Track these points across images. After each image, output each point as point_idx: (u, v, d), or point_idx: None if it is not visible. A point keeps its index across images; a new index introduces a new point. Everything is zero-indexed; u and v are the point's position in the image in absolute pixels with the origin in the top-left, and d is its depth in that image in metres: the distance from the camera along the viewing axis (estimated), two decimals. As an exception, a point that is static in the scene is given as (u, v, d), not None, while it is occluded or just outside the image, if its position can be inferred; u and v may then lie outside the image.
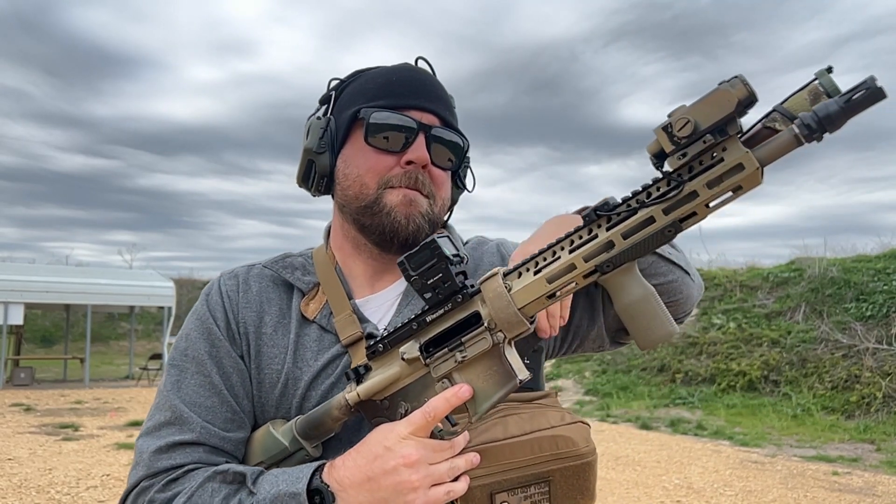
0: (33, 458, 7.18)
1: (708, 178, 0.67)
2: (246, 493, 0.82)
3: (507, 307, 0.77)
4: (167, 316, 15.91)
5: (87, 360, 15.08)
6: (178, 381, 0.93)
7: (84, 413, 10.59)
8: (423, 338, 0.83)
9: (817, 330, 11.62)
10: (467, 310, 0.80)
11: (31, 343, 21.95)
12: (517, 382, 0.78)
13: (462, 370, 0.81)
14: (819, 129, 0.63)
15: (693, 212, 0.69)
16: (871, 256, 12.95)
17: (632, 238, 0.72)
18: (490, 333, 0.78)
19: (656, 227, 0.71)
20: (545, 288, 0.76)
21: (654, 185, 0.71)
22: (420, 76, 0.99)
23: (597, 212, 0.73)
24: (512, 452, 0.85)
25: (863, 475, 7.14)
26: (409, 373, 0.84)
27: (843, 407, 9.99)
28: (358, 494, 0.78)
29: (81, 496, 5.75)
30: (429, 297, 0.82)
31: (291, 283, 1.00)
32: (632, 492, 6.22)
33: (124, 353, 22.12)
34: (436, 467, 0.79)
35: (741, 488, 6.46)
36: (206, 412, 0.91)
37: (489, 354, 0.79)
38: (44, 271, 16.29)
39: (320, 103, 1.03)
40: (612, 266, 0.74)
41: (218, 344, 0.95)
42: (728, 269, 15.46)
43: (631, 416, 10.80)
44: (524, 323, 0.78)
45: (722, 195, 0.68)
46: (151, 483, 0.86)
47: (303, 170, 1.01)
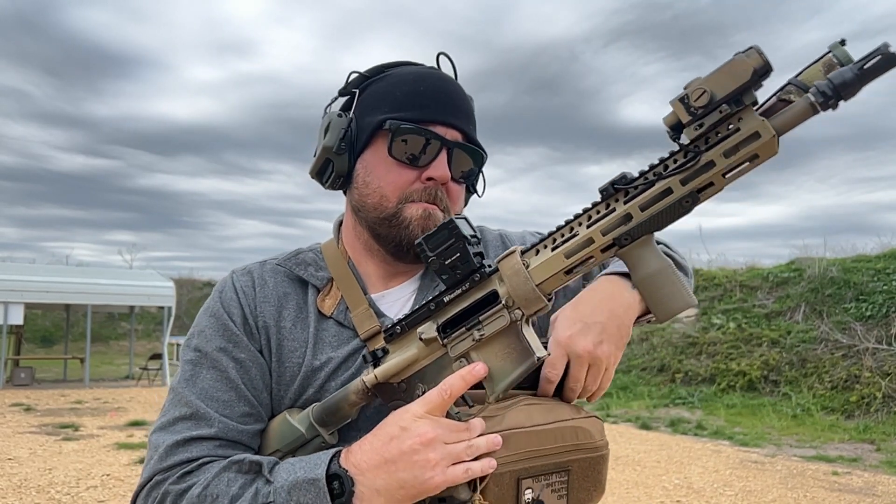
0: (33, 458, 7.18)
1: (724, 148, 0.67)
2: (263, 482, 0.82)
3: (525, 283, 0.77)
4: (167, 316, 15.91)
5: (87, 360, 15.07)
6: (193, 377, 0.93)
7: (84, 413, 10.59)
8: (441, 318, 0.83)
9: (817, 330, 11.62)
10: (485, 289, 0.80)
11: (31, 343, 21.95)
12: (535, 360, 0.78)
13: (479, 349, 0.81)
14: (834, 96, 0.63)
15: (710, 182, 0.69)
16: (870, 256, 12.95)
17: (649, 210, 0.71)
18: (508, 311, 0.79)
19: (674, 198, 0.70)
20: (563, 263, 0.76)
21: (672, 157, 0.71)
22: (446, 87, 0.99)
23: (614, 185, 0.73)
24: (537, 440, 0.86)
25: (863, 475, 7.14)
26: (427, 354, 0.84)
27: (843, 407, 9.99)
28: (376, 477, 0.78)
29: (81, 496, 5.75)
30: (446, 277, 0.82)
31: (305, 279, 1.00)
32: (632, 492, 6.22)
33: (124, 353, 22.12)
34: (453, 446, 0.78)
35: (741, 488, 6.46)
36: (222, 406, 0.91)
37: (507, 332, 0.80)
38: (44, 271, 16.29)
39: (340, 94, 1.03)
40: (629, 239, 0.73)
41: (234, 339, 0.94)
42: (728, 269, 15.46)
43: (631, 416, 10.80)
44: (542, 300, 0.78)
45: (739, 164, 0.68)
46: (165, 476, 0.86)
47: (319, 166, 1.00)
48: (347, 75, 1.02)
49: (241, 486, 0.82)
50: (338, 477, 0.79)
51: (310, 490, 0.78)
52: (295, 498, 0.78)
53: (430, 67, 1.03)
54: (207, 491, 0.82)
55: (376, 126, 0.96)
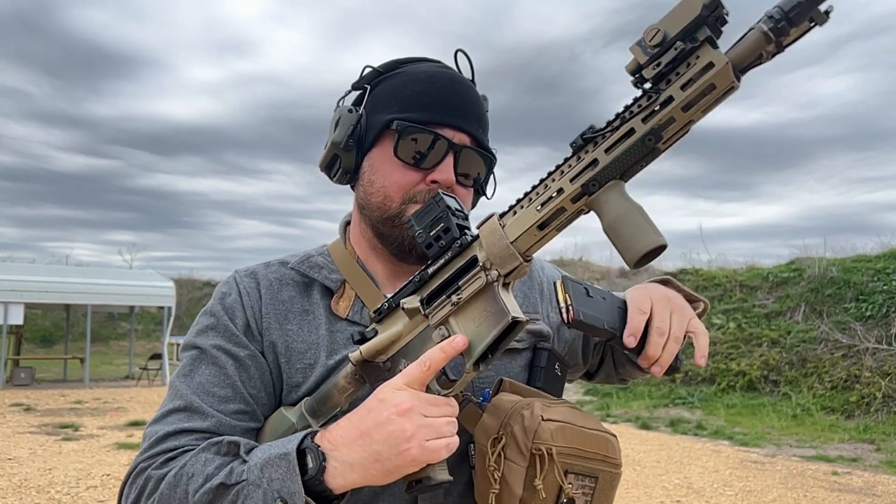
0: (33, 458, 7.18)
1: (681, 82, 0.68)
2: (239, 462, 0.81)
3: (500, 241, 0.77)
4: (167, 316, 15.90)
5: (87, 360, 15.08)
6: (191, 372, 0.92)
7: (84, 413, 10.59)
8: (426, 291, 0.83)
9: (817, 330, 11.62)
10: (466, 256, 0.81)
11: (31, 343, 21.95)
12: (509, 319, 0.77)
13: (458, 314, 0.80)
14: (784, 19, 0.64)
15: (671, 117, 0.69)
16: (870, 256, 12.95)
17: (613, 152, 0.72)
18: (485, 272, 0.79)
19: (636, 137, 0.71)
20: (535, 216, 0.76)
21: (636, 101, 0.72)
22: (457, 88, 0.97)
23: (583, 136, 0.74)
24: (583, 440, 0.87)
25: (862, 475, 7.14)
26: (411, 328, 0.84)
27: (843, 407, 9.99)
28: (350, 451, 0.77)
29: (81, 496, 5.75)
30: (431, 249, 0.83)
31: (320, 281, 0.99)
32: (632, 492, 6.22)
33: (124, 353, 22.12)
34: (433, 419, 0.76)
35: (741, 488, 6.46)
36: (217, 401, 0.90)
37: (483, 295, 0.79)
38: (44, 271, 16.28)
39: (353, 88, 1.02)
40: (598, 184, 0.73)
41: (234, 339, 0.94)
42: (728, 268, 15.46)
43: (631, 416, 10.80)
44: (516, 257, 0.77)
45: (697, 97, 0.68)
46: (149, 463, 0.86)
47: (327, 160, 1.00)
48: (362, 69, 1.01)
49: (217, 467, 0.81)
50: (311, 452, 0.78)
51: (280, 465, 0.77)
52: (267, 474, 0.77)
53: (445, 66, 1.02)
54: (184, 470, 0.82)
55: (384, 125, 0.95)
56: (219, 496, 0.79)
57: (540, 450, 0.83)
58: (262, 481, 0.77)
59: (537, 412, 0.86)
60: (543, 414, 0.86)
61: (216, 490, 0.79)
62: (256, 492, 0.77)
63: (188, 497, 0.80)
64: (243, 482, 0.79)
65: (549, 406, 0.89)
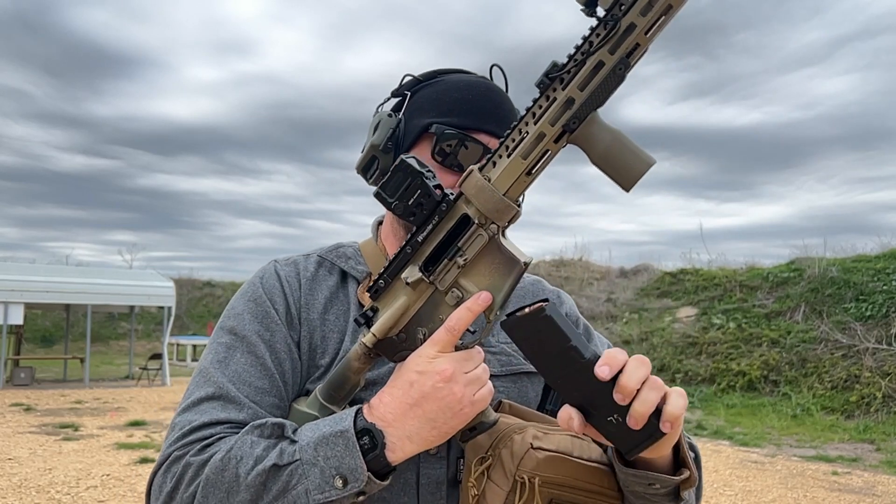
0: (33, 458, 7.18)
1: (639, 7, 0.69)
2: (287, 442, 0.80)
3: (492, 195, 0.77)
4: (167, 316, 15.90)
5: (87, 360, 15.07)
6: (227, 359, 0.90)
7: (84, 413, 10.59)
8: (421, 258, 0.83)
9: (817, 330, 11.63)
10: (455, 216, 0.80)
11: (31, 343, 21.95)
12: (522, 265, 0.79)
13: (467, 274, 0.81)
14: None
15: (636, 43, 0.70)
16: (870, 256, 12.96)
17: (588, 87, 0.73)
18: (483, 229, 0.79)
19: (608, 69, 0.72)
20: (522, 165, 0.77)
21: (593, 32, 0.72)
22: (494, 97, 1.02)
23: (548, 76, 0.74)
24: (575, 471, 0.86)
25: (862, 475, 7.14)
26: (416, 298, 0.84)
27: (843, 407, 9.99)
28: (405, 424, 0.79)
29: (81, 496, 5.75)
30: (414, 217, 0.81)
31: (346, 271, 1.01)
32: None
33: (124, 353, 22.12)
34: (472, 373, 0.80)
35: (741, 488, 6.46)
36: (255, 392, 0.88)
37: (488, 250, 0.80)
38: (44, 271, 16.29)
39: (392, 95, 1.05)
40: (577, 121, 0.74)
41: (274, 328, 0.93)
42: (728, 268, 15.46)
43: (631, 416, 10.79)
44: (512, 207, 0.78)
45: (656, 19, 0.69)
46: (185, 451, 0.82)
47: (365, 162, 1.02)
48: (402, 78, 1.05)
49: (265, 448, 0.80)
50: (367, 432, 0.79)
51: (338, 443, 0.78)
52: (322, 452, 0.77)
53: (482, 77, 1.06)
54: (231, 454, 0.80)
55: (423, 128, 0.98)
56: (272, 477, 0.78)
57: (523, 478, 0.83)
58: (318, 459, 0.77)
59: (528, 439, 0.85)
60: (534, 442, 0.85)
61: (269, 471, 0.78)
62: (313, 470, 0.77)
63: (239, 480, 0.78)
64: (296, 462, 0.78)
65: (546, 433, 0.87)
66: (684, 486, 0.84)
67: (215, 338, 0.94)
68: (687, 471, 0.84)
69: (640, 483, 0.82)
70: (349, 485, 0.77)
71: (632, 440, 0.75)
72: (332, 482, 0.77)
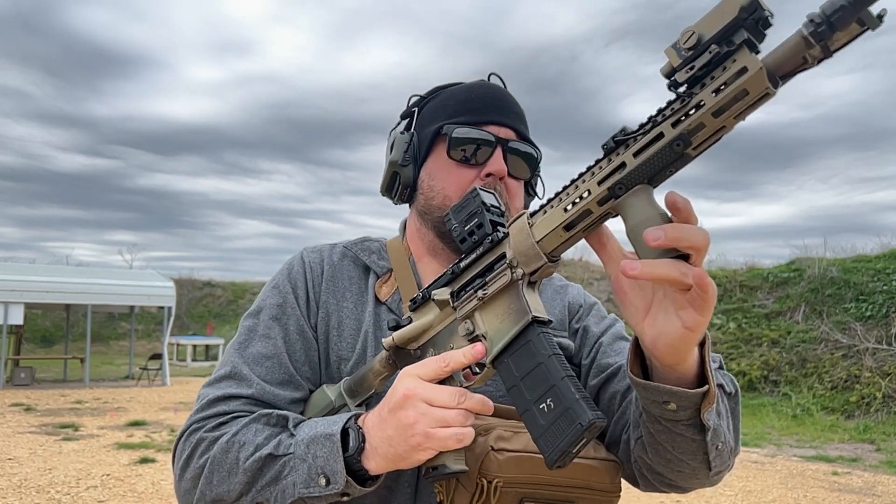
0: (33, 458, 7.18)
1: (714, 87, 0.65)
2: (287, 435, 0.88)
3: (526, 239, 0.78)
4: (167, 316, 15.89)
5: (87, 360, 15.07)
6: (245, 343, 1.00)
7: (84, 413, 10.59)
8: (457, 284, 0.86)
9: (817, 330, 11.63)
10: (497, 252, 0.82)
11: (31, 343, 21.96)
12: (529, 319, 0.77)
13: (483, 309, 0.82)
14: (825, 24, 0.61)
15: (700, 123, 0.67)
16: (871, 256, 12.95)
17: (641, 155, 0.70)
18: (511, 270, 0.79)
19: (665, 142, 0.69)
20: (561, 217, 0.75)
21: (669, 105, 0.70)
22: (496, 92, 1.07)
23: (614, 139, 0.72)
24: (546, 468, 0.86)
25: (863, 475, 7.14)
26: (441, 319, 0.87)
27: (843, 407, 9.99)
28: (374, 435, 0.82)
29: (81, 496, 5.75)
30: (465, 244, 0.85)
31: (368, 265, 1.08)
32: (632, 491, 6.21)
33: (124, 353, 22.12)
34: (438, 410, 0.78)
35: (741, 488, 6.46)
36: (264, 372, 0.97)
37: (508, 292, 0.80)
38: (44, 271, 16.28)
39: (402, 118, 1.12)
40: (624, 188, 0.72)
41: (289, 311, 1.02)
42: (728, 269, 15.46)
43: (631, 416, 10.79)
44: (540, 256, 0.77)
45: (729, 103, 0.65)
46: (202, 425, 0.93)
47: (387, 181, 1.09)
48: (408, 99, 1.12)
49: (267, 437, 0.88)
50: (353, 432, 0.83)
51: (325, 444, 0.83)
52: (312, 450, 0.84)
53: (480, 80, 1.11)
54: (236, 438, 0.89)
55: (434, 133, 1.04)
56: (267, 465, 0.86)
57: (482, 481, 0.85)
58: (308, 456, 0.84)
59: (489, 441, 0.86)
60: (496, 444, 0.86)
61: (265, 459, 0.86)
62: (302, 465, 0.84)
63: (238, 464, 0.87)
64: (290, 455, 0.85)
65: (516, 433, 0.88)
66: (704, 405, 0.77)
67: (243, 321, 1.04)
68: (706, 385, 0.76)
69: (656, 401, 0.77)
70: (330, 485, 0.82)
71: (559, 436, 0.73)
72: (317, 480, 0.82)
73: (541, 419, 0.75)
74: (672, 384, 0.75)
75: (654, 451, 0.85)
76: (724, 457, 0.84)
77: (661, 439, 0.82)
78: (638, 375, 0.78)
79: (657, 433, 0.82)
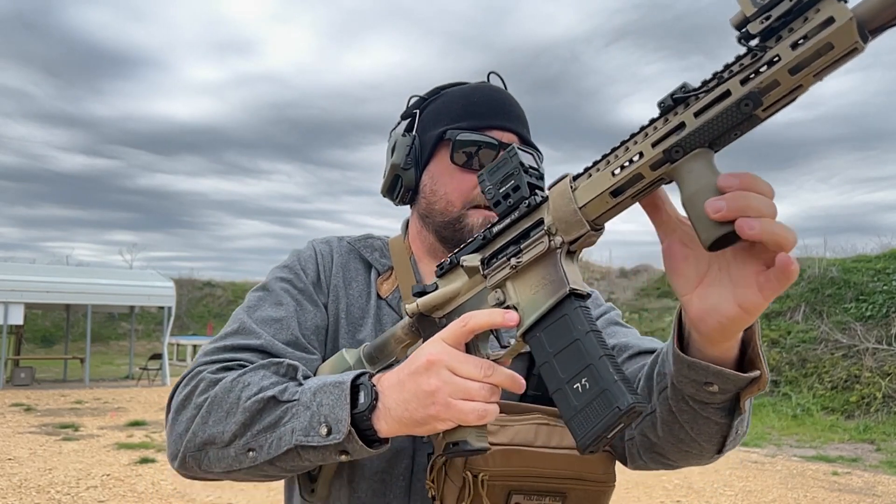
0: (33, 458, 7.18)
1: (792, 39, 0.56)
2: (295, 384, 0.84)
3: (567, 205, 0.70)
4: (167, 316, 15.89)
5: (87, 360, 15.07)
6: (254, 306, 0.99)
7: (84, 413, 10.59)
8: (489, 250, 0.79)
9: (817, 330, 11.62)
10: (533, 218, 0.75)
11: (31, 343, 21.95)
12: (567, 291, 0.70)
13: (516, 278, 0.76)
14: None
15: (774, 80, 0.58)
16: (871, 256, 12.95)
17: (704, 115, 0.61)
18: (549, 237, 0.72)
19: (731, 101, 0.60)
20: (609, 181, 0.67)
21: (738, 60, 0.61)
22: (498, 96, 1.07)
23: (673, 97, 0.64)
24: (536, 461, 0.86)
25: (863, 475, 7.14)
26: (469, 287, 0.82)
27: (843, 407, 9.99)
28: (390, 396, 0.77)
29: (81, 496, 5.75)
30: (499, 207, 0.78)
31: (370, 261, 1.09)
32: (632, 492, 6.22)
33: (124, 353, 22.11)
34: (462, 381, 0.73)
35: (741, 488, 6.46)
36: (273, 332, 0.95)
37: (545, 262, 0.73)
38: (44, 271, 16.28)
39: (402, 118, 1.11)
40: (681, 151, 0.63)
41: (300, 286, 1.02)
42: (728, 269, 15.42)
43: (631, 416, 10.79)
44: (583, 223, 0.69)
45: (810, 57, 0.56)
46: (206, 367, 0.89)
47: (389, 183, 1.09)
48: (408, 100, 1.12)
49: (273, 383, 0.84)
50: (364, 388, 0.78)
51: (333, 392, 0.78)
52: (318, 399, 0.79)
53: (483, 82, 1.11)
54: (241, 379, 0.85)
55: (437, 138, 1.04)
56: (268, 408, 0.81)
57: (466, 474, 0.84)
58: (313, 405, 0.79)
59: None
60: None
61: (267, 401, 0.81)
62: (305, 413, 0.79)
63: (239, 402, 0.82)
64: (295, 402, 0.81)
65: (503, 426, 0.87)
66: (749, 390, 0.72)
67: (250, 294, 1.03)
68: (757, 370, 0.71)
69: (695, 381, 0.72)
70: (331, 435, 0.76)
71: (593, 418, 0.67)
72: (318, 429, 0.77)
73: (574, 400, 0.69)
74: (710, 363, 0.70)
75: (668, 430, 0.82)
76: (738, 440, 0.82)
77: (682, 419, 0.79)
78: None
79: (679, 412, 0.78)
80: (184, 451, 0.85)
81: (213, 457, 0.84)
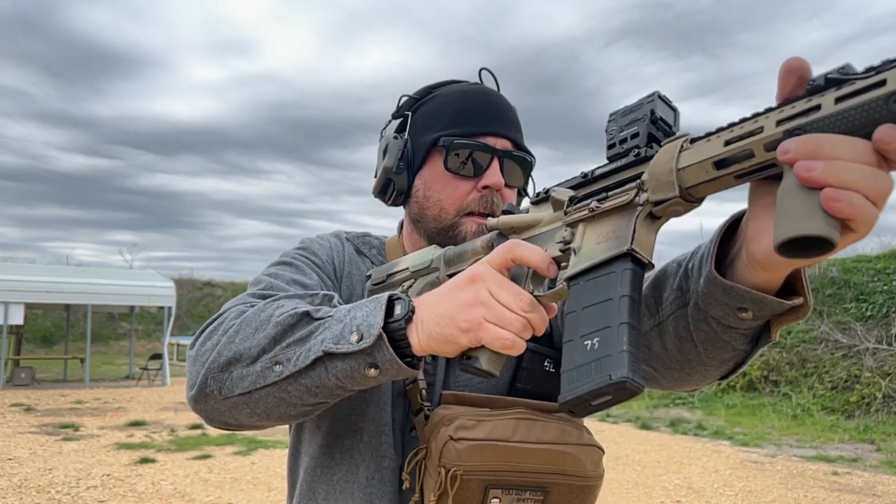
0: (33, 458, 7.18)
1: None
2: (330, 307, 0.83)
3: (667, 163, 0.64)
4: (167, 316, 15.89)
5: (87, 360, 15.07)
6: (275, 274, 0.98)
7: (84, 413, 10.59)
8: (584, 190, 0.76)
9: (817, 330, 11.62)
10: (636, 170, 0.70)
11: (31, 343, 21.95)
12: (625, 249, 0.66)
13: (590, 223, 0.72)
14: None
15: None
16: (871, 256, 12.94)
17: (845, 102, 0.53)
18: (638, 191, 0.67)
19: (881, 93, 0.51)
20: (715, 150, 0.60)
21: None
22: (492, 100, 1.06)
23: (827, 76, 0.55)
24: (513, 456, 0.86)
25: (863, 475, 7.14)
26: (550, 220, 0.79)
27: (843, 407, 9.99)
28: (426, 309, 0.76)
29: (81, 496, 5.75)
30: (612, 150, 0.74)
31: (369, 258, 1.11)
32: (632, 492, 6.22)
33: (124, 353, 22.11)
34: (499, 305, 0.72)
35: (741, 488, 6.46)
36: (301, 291, 0.93)
37: (621, 214, 0.69)
38: (44, 271, 16.28)
39: (393, 118, 1.11)
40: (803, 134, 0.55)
41: (317, 262, 1.03)
42: (728, 269, 15.44)
43: (631, 416, 10.80)
44: (673, 186, 0.64)
45: None
46: (237, 303, 0.88)
47: (380, 185, 1.09)
48: (398, 99, 1.11)
49: (308, 304, 0.84)
50: (402, 302, 0.77)
51: (369, 305, 0.78)
52: (352, 313, 0.78)
53: (474, 83, 1.10)
54: (276, 302, 0.84)
55: (431, 144, 1.03)
56: (300, 322, 0.80)
57: (440, 470, 0.85)
58: (346, 318, 0.77)
59: (448, 432, 0.86)
60: (456, 433, 0.86)
61: (300, 316, 0.80)
62: (336, 325, 0.77)
63: (271, 319, 0.80)
64: (329, 318, 0.79)
65: (480, 421, 0.87)
66: (786, 318, 0.68)
67: (267, 267, 1.01)
68: (800, 297, 0.66)
69: (727, 304, 0.68)
70: (362, 340, 0.74)
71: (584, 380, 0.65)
72: (348, 337, 0.75)
73: (577, 355, 0.67)
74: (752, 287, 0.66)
75: (678, 349, 0.79)
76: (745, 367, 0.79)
77: (698, 338, 0.75)
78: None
79: (697, 332, 0.75)
80: (206, 373, 0.81)
81: (236, 376, 0.80)
